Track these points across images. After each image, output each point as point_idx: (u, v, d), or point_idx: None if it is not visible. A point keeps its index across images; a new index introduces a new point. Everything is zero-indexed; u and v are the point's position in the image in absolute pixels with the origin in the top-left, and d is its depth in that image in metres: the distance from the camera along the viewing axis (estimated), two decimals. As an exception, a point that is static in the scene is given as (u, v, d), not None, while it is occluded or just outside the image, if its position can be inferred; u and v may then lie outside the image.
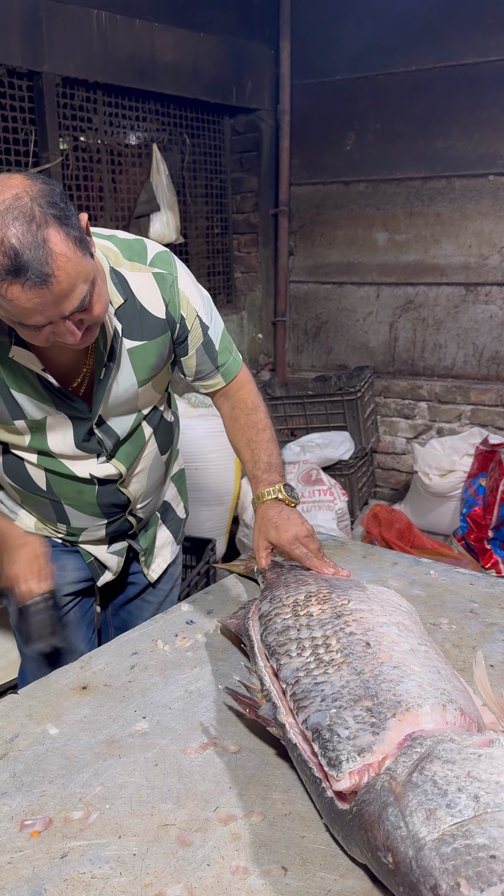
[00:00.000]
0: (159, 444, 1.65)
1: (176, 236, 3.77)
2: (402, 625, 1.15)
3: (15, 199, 1.10)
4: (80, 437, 1.49)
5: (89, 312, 1.22)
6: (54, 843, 0.95)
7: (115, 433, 1.52)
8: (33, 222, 1.10)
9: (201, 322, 1.53)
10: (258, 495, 1.55)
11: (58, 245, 1.11)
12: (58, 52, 3.02)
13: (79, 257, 1.15)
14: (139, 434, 1.58)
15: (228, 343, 1.61)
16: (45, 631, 1.45)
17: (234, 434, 1.65)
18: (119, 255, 1.43)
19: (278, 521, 1.50)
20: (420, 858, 0.78)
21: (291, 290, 4.59)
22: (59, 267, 1.12)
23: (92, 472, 1.54)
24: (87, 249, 1.18)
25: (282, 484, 1.54)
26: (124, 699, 1.24)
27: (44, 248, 1.10)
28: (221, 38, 3.83)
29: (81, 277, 1.16)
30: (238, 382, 1.65)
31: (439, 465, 3.84)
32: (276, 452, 1.61)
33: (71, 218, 1.15)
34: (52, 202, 1.13)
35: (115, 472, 1.55)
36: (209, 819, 0.98)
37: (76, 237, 1.15)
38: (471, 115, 3.83)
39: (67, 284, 1.14)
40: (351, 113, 4.15)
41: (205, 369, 1.59)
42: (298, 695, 1.03)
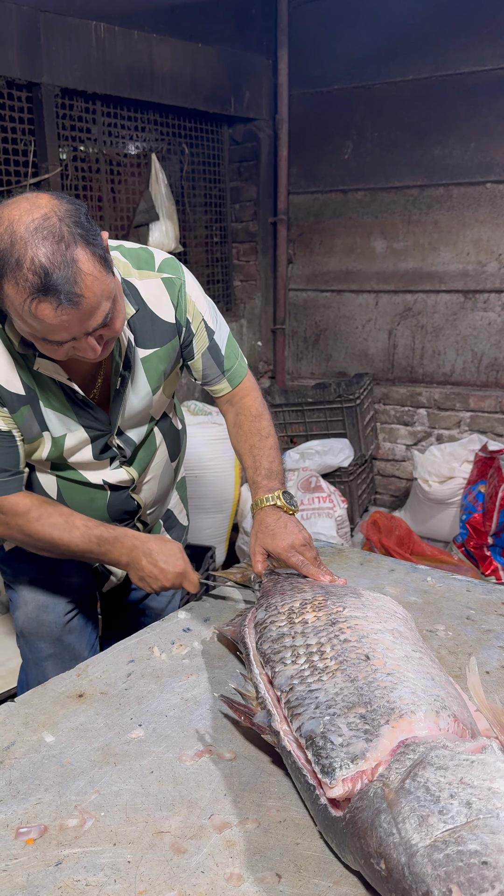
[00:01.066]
0: (169, 450, 1.68)
1: (175, 245, 3.79)
2: (396, 631, 1.15)
3: (44, 218, 1.13)
4: (98, 448, 1.51)
5: (110, 328, 1.25)
6: (49, 850, 0.95)
7: (133, 441, 1.55)
8: (62, 242, 1.12)
9: (207, 326, 1.55)
10: (257, 501, 1.56)
11: (85, 264, 1.14)
12: (56, 63, 3.05)
13: (104, 276, 1.18)
14: (151, 440, 1.60)
15: (234, 349, 1.64)
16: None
17: (237, 440, 1.66)
18: (128, 266, 1.46)
19: (275, 528, 1.51)
20: (412, 865, 0.78)
21: (290, 297, 4.60)
22: (86, 286, 1.14)
23: (105, 479, 1.55)
24: (110, 267, 1.22)
25: (281, 491, 1.55)
26: (120, 707, 1.24)
27: (72, 268, 1.13)
28: (219, 49, 3.86)
29: (105, 295, 1.19)
30: (243, 389, 1.66)
31: (439, 472, 3.85)
32: (277, 460, 1.62)
33: (96, 237, 1.18)
34: (79, 222, 1.16)
35: (127, 478, 1.57)
36: (204, 826, 0.98)
37: (101, 256, 1.18)
38: (467, 123, 3.85)
39: (94, 302, 1.17)
40: (348, 122, 4.17)
41: (211, 374, 1.62)
42: (293, 702, 1.03)
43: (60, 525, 1.46)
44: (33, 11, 2.92)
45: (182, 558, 1.52)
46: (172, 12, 3.60)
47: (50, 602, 1.68)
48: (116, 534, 1.50)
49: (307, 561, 1.46)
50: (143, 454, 1.58)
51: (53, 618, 1.68)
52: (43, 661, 1.71)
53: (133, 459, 1.57)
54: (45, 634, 1.69)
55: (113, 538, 1.49)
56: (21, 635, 1.73)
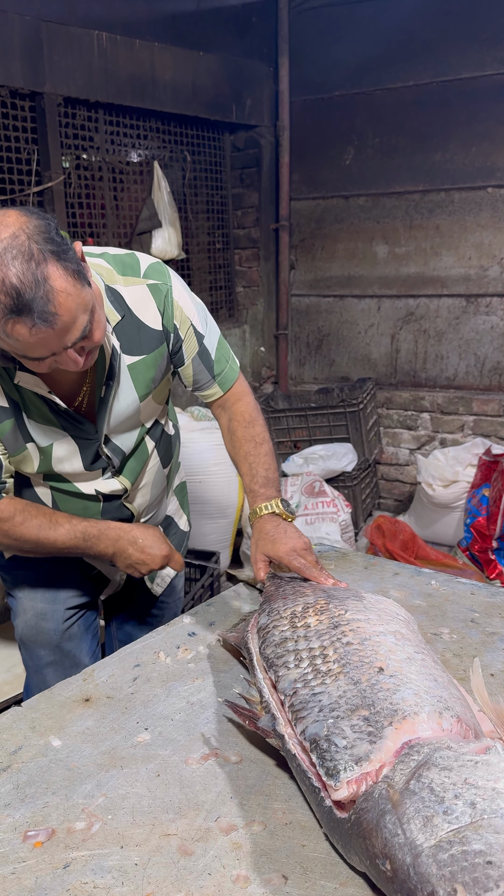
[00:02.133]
0: (161, 457, 1.67)
1: (178, 252, 3.81)
2: (399, 633, 1.16)
3: (12, 237, 1.12)
4: (88, 458, 1.51)
5: (90, 339, 1.24)
6: (57, 853, 0.96)
7: (122, 450, 1.54)
8: (32, 260, 1.11)
9: (196, 331, 1.53)
10: (255, 510, 1.58)
11: (58, 281, 1.13)
12: (59, 72, 3.07)
13: (78, 290, 1.17)
14: (143, 449, 1.59)
15: (225, 352, 1.62)
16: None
17: (231, 446, 1.67)
18: (113, 272, 1.45)
19: (275, 534, 1.52)
20: (417, 865, 0.79)
21: (293, 303, 4.62)
22: (60, 304, 1.14)
23: (98, 489, 1.56)
24: (85, 280, 1.20)
25: (278, 499, 1.56)
26: (126, 711, 1.25)
27: (45, 286, 1.12)
28: (220, 57, 3.88)
29: (82, 308, 1.18)
30: (235, 394, 1.65)
31: (442, 476, 3.85)
32: (273, 466, 1.63)
33: (68, 252, 1.17)
34: (49, 238, 1.15)
35: (120, 487, 1.57)
36: (210, 829, 0.99)
37: (74, 270, 1.16)
38: (468, 128, 3.87)
39: (69, 319, 1.16)
40: (350, 128, 4.19)
41: (202, 379, 1.60)
42: (296, 706, 1.04)
43: (45, 525, 1.50)
44: (36, 21, 2.95)
45: (165, 541, 1.61)
46: (173, 21, 3.63)
47: (49, 610, 1.68)
48: (100, 527, 1.55)
49: (309, 564, 1.47)
50: (133, 463, 1.58)
51: (52, 625, 1.68)
52: (43, 668, 1.71)
53: (123, 468, 1.56)
54: (44, 642, 1.69)
55: (97, 532, 1.54)
56: (21, 643, 1.74)
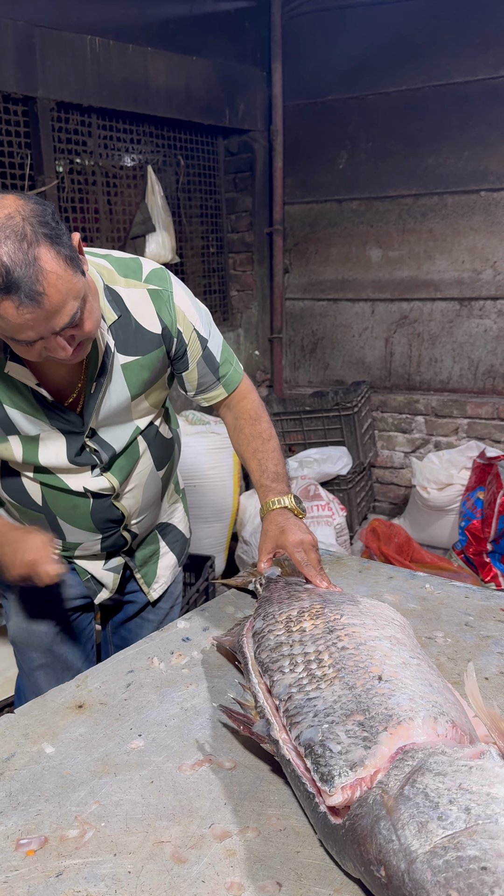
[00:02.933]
0: (155, 459, 1.66)
1: (172, 256, 3.81)
2: (394, 638, 1.15)
3: (7, 218, 1.14)
4: (73, 450, 1.50)
5: (80, 328, 1.25)
6: (50, 861, 0.95)
7: (111, 446, 1.54)
8: (24, 241, 1.13)
9: (199, 335, 1.55)
10: (267, 503, 1.58)
11: (48, 263, 1.15)
12: (52, 77, 3.07)
13: (69, 275, 1.18)
14: (134, 448, 1.59)
15: (229, 354, 1.63)
16: None
17: (239, 444, 1.67)
18: (114, 273, 1.46)
19: (285, 525, 1.53)
20: (412, 871, 0.78)
21: (287, 307, 4.62)
22: (49, 284, 1.15)
23: (86, 486, 1.55)
24: (79, 267, 1.21)
25: (291, 495, 1.58)
26: (120, 717, 1.24)
27: (34, 266, 1.13)
28: (213, 61, 3.89)
29: (72, 294, 1.19)
30: (240, 393, 1.67)
31: (437, 479, 3.85)
32: (281, 462, 1.64)
33: (62, 237, 1.18)
34: (44, 221, 1.16)
35: (108, 485, 1.56)
36: (204, 836, 0.98)
37: (67, 255, 1.18)
38: (461, 132, 3.88)
39: (58, 301, 1.17)
40: (343, 132, 4.20)
41: (206, 381, 1.61)
42: (291, 711, 1.04)
43: None
44: (29, 26, 2.95)
45: (40, 551, 1.44)
46: (166, 26, 3.63)
47: (40, 612, 1.68)
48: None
49: (310, 561, 1.47)
50: (123, 461, 1.57)
51: (44, 628, 1.68)
52: (35, 670, 1.71)
53: (111, 466, 1.56)
54: (35, 644, 1.69)
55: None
56: (13, 645, 1.74)
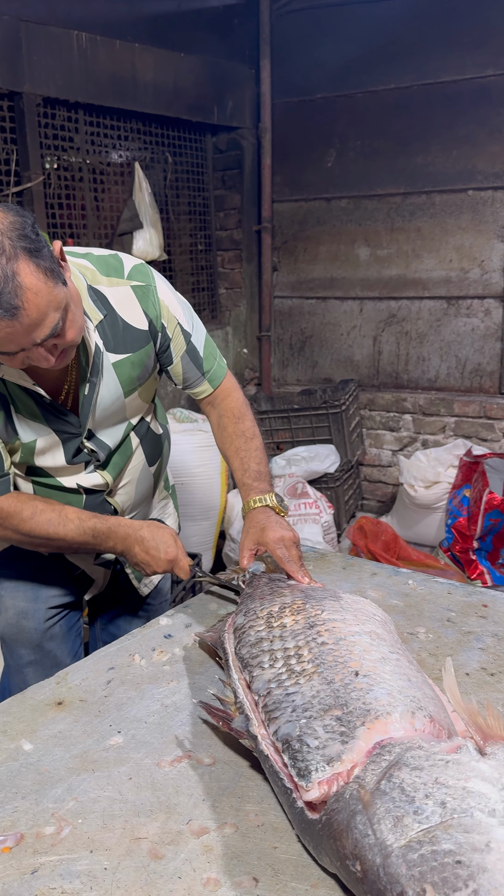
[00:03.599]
0: (147, 455, 1.67)
1: (159, 253, 3.80)
2: (374, 633, 1.15)
3: None
4: (70, 452, 1.50)
5: (62, 338, 1.25)
6: (25, 858, 0.95)
7: (107, 444, 1.54)
8: (2, 255, 1.13)
9: (182, 330, 1.55)
10: (249, 502, 1.58)
11: (27, 278, 1.14)
12: (38, 72, 3.06)
13: (49, 288, 1.18)
14: (127, 444, 1.60)
15: (213, 349, 1.64)
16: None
17: (222, 442, 1.67)
18: (96, 273, 1.46)
19: (266, 523, 1.53)
20: (387, 866, 0.78)
21: (276, 305, 4.62)
22: (27, 300, 1.15)
23: (80, 483, 1.55)
24: (59, 278, 1.21)
25: (272, 493, 1.58)
26: (100, 714, 1.24)
27: (13, 282, 1.13)
28: (202, 58, 3.88)
29: (53, 306, 1.19)
30: (224, 390, 1.67)
31: (424, 477, 3.86)
32: (264, 461, 1.64)
33: (42, 249, 1.18)
34: (24, 235, 1.16)
35: (101, 482, 1.57)
36: (182, 832, 0.98)
37: (46, 268, 1.17)
38: (449, 131, 3.89)
39: (37, 315, 1.17)
40: (331, 130, 4.20)
41: (191, 377, 1.62)
42: (270, 706, 1.03)
43: (55, 521, 1.48)
44: (15, 21, 2.93)
45: (174, 545, 1.57)
46: (154, 22, 3.62)
47: (30, 608, 1.67)
48: (110, 524, 1.54)
49: (292, 557, 1.47)
50: (117, 458, 1.58)
51: (33, 624, 1.68)
52: (24, 667, 1.70)
53: (107, 463, 1.57)
54: (25, 641, 1.69)
55: (107, 529, 1.53)
56: (2, 641, 1.73)
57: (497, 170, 3.81)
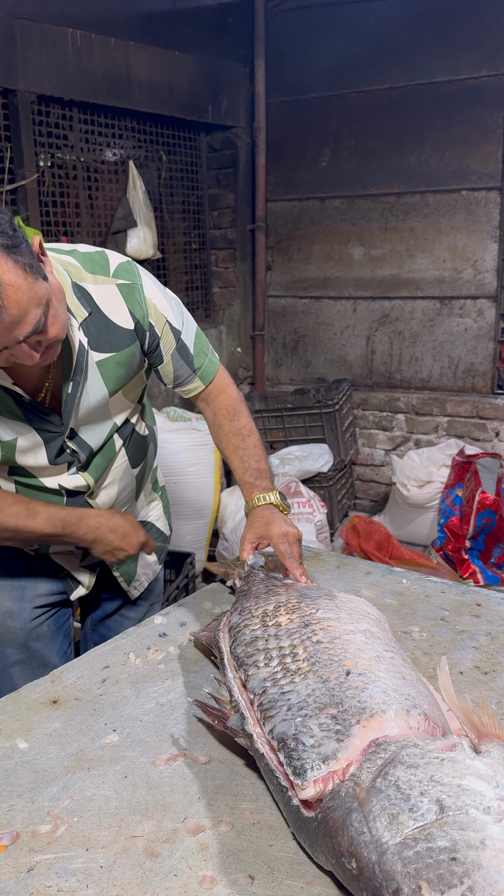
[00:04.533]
0: (130, 457, 1.65)
1: (153, 252, 3.79)
2: (369, 632, 1.16)
3: None
4: (52, 451, 1.49)
5: (45, 334, 1.23)
6: (21, 857, 0.95)
7: (89, 445, 1.53)
8: None
9: (172, 327, 1.53)
10: (252, 500, 1.58)
11: (6, 275, 1.13)
12: (33, 70, 3.05)
13: (29, 284, 1.16)
14: (110, 446, 1.58)
15: (203, 344, 1.62)
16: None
17: (219, 440, 1.67)
18: (81, 270, 1.43)
19: (270, 519, 1.53)
20: (383, 863, 0.79)
21: (269, 304, 4.62)
22: (7, 298, 1.13)
23: (61, 483, 1.54)
24: (39, 273, 1.19)
25: (276, 491, 1.58)
26: (95, 712, 1.24)
27: None
28: (196, 57, 3.88)
29: (34, 303, 1.17)
30: (217, 387, 1.65)
31: (417, 477, 3.87)
32: (263, 457, 1.64)
33: (20, 245, 1.16)
34: (1, 231, 1.14)
35: (83, 483, 1.55)
36: (177, 830, 0.98)
37: (25, 264, 1.16)
38: (443, 131, 3.90)
39: (18, 312, 1.15)
40: (326, 130, 4.21)
41: (182, 374, 1.60)
42: (265, 705, 1.04)
43: (23, 513, 1.50)
44: (9, 18, 2.92)
45: (140, 528, 1.66)
46: (149, 20, 3.61)
47: (15, 608, 1.66)
48: (79, 514, 1.56)
49: (293, 554, 1.48)
50: (99, 460, 1.57)
51: (19, 624, 1.67)
52: (10, 667, 1.69)
53: (88, 465, 1.55)
54: (10, 641, 1.68)
55: (77, 519, 1.55)
56: None
57: (491, 170, 3.83)
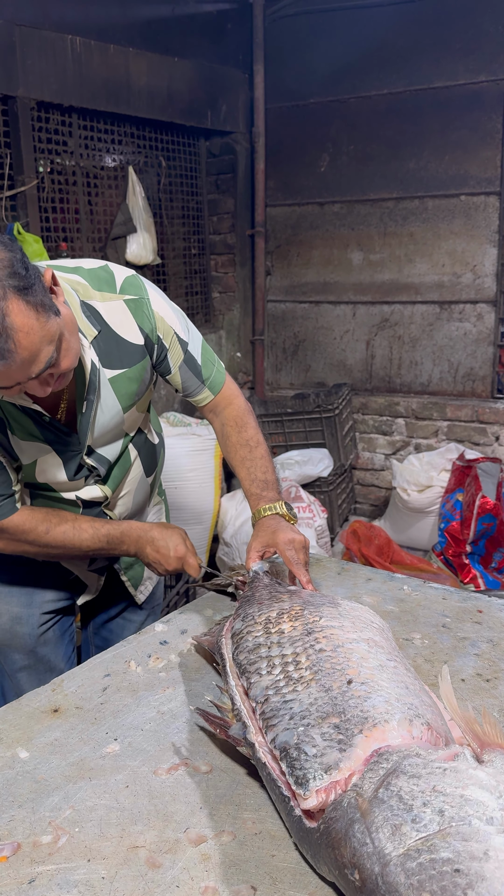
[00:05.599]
0: (144, 466, 1.67)
1: (153, 257, 3.80)
2: (372, 641, 1.15)
3: None
4: (71, 469, 1.51)
5: (57, 367, 1.24)
6: (23, 868, 0.94)
7: (107, 459, 1.54)
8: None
9: (179, 339, 1.54)
10: (259, 510, 1.59)
11: (18, 317, 1.12)
12: (32, 76, 3.05)
13: (42, 323, 1.16)
14: (126, 457, 1.60)
15: (210, 355, 1.63)
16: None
17: (226, 451, 1.68)
18: (88, 288, 1.44)
19: (278, 527, 1.54)
20: (386, 874, 0.78)
21: (269, 309, 4.62)
22: (18, 342, 1.13)
23: (79, 495, 1.55)
24: (51, 309, 1.19)
25: (283, 502, 1.59)
26: (96, 721, 1.23)
27: (3, 323, 1.11)
28: (195, 63, 3.89)
29: (46, 341, 1.17)
30: (226, 398, 1.66)
31: (417, 481, 3.87)
32: (270, 468, 1.64)
33: (33, 286, 1.15)
34: (14, 272, 1.13)
35: (101, 495, 1.57)
36: (179, 840, 0.98)
37: (37, 304, 1.15)
38: (441, 136, 3.90)
39: (29, 354, 1.15)
40: (325, 135, 4.21)
41: (191, 385, 1.61)
42: (267, 713, 1.03)
43: (70, 531, 1.52)
44: (9, 25, 2.93)
45: (183, 544, 1.61)
46: (148, 26, 3.62)
47: (24, 614, 1.67)
48: (122, 528, 1.58)
49: (300, 560, 1.48)
50: (117, 472, 1.58)
51: (27, 629, 1.67)
52: (17, 672, 1.70)
53: (107, 478, 1.57)
54: (18, 646, 1.68)
55: (120, 533, 1.57)
56: None
57: (489, 175, 3.84)
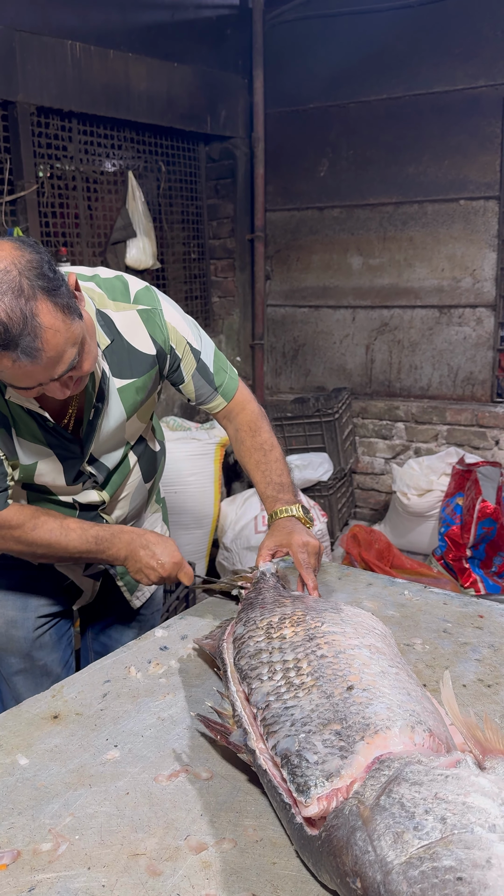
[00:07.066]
0: (143, 472, 1.67)
1: (153, 262, 3.80)
2: (374, 647, 1.15)
3: (4, 272, 1.12)
4: (71, 475, 1.51)
5: (78, 369, 1.25)
6: (22, 876, 0.94)
7: (106, 466, 1.55)
8: (21, 296, 1.12)
9: (192, 348, 1.55)
10: (275, 512, 1.59)
11: (46, 318, 1.14)
12: (32, 81, 3.06)
13: (67, 325, 1.18)
14: (125, 464, 1.60)
15: (222, 362, 1.64)
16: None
17: (241, 456, 1.68)
18: (104, 297, 1.45)
19: (293, 529, 1.55)
20: (388, 883, 0.78)
21: (269, 313, 4.63)
22: (46, 341, 1.15)
23: (76, 499, 1.55)
24: (76, 312, 1.21)
25: (299, 505, 1.60)
26: (96, 728, 1.23)
27: (32, 322, 1.12)
28: (195, 68, 3.89)
29: (70, 343, 1.19)
30: (238, 403, 1.67)
31: (417, 485, 3.87)
32: (285, 471, 1.65)
33: (60, 287, 1.17)
34: (41, 273, 1.15)
35: (98, 499, 1.57)
36: (180, 847, 0.97)
37: (63, 305, 1.17)
38: (441, 141, 3.91)
39: (55, 354, 1.17)
40: (324, 140, 4.22)
41: (204, 393, 1.62)
42: (269, 720, 1.03)
43: (56, 530, 1.49)
44: (9, 31, 2.93)
45: (177, 551, 1.59)
46: (148, 32, 3.63)
47: (19, 618, 1.67)
48: (113, 530, 1.54)
49: (310, 565, 1.49)
50: (116, 478, 1.58)
51: (22, 633, 1.67)
52: (13, 676, 1.70)
53: (106, 483, 1.57)
54: (14, 650, 1.68)
55: (110, 535, 1.53)
56: None
57: (488, 180, 3.84)
